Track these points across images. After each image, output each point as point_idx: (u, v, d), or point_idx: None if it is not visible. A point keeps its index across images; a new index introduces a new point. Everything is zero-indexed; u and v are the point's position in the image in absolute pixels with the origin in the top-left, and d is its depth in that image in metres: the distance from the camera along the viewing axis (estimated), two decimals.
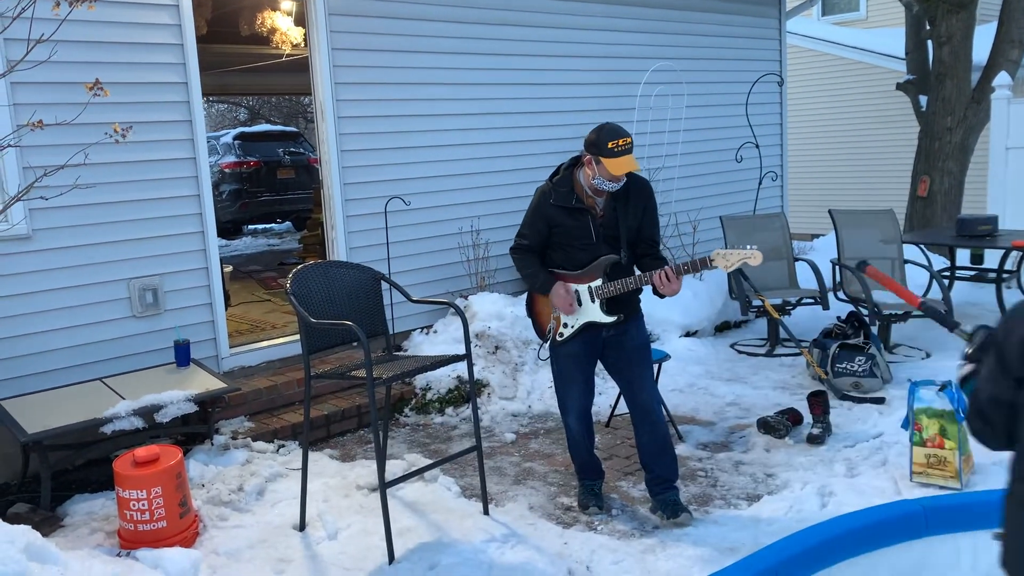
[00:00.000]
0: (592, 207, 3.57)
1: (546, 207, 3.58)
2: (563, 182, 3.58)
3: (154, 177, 4.88)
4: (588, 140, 3.46)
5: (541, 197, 3.62)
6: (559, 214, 3.56)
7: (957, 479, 3.73)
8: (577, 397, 3.76)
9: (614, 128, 3.42)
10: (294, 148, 12.94)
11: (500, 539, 3.56)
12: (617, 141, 3.36)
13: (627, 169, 3.39)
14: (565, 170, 3.63)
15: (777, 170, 8.84)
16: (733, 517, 3.72)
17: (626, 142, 3.37)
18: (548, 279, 3.63)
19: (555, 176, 3.64)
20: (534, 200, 3.66)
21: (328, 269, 3.76)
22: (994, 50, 9.03)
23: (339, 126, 5.62)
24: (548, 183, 3.64)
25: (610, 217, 3.58)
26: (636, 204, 3.61)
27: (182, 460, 3.64)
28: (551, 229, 3.60)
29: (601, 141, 3.38)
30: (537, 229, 3.62)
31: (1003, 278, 6.76)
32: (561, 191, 3.56)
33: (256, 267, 10.25)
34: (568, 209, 3.55)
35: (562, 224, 3.57)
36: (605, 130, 3.42)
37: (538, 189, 3.68)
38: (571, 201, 3.54)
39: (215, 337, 5.22)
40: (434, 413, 5.31)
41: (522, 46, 6.57)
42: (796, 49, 12.94)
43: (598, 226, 3.57)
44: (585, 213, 3.56)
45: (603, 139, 3.38)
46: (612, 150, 3.36)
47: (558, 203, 3.56)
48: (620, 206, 3.57)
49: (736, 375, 5.87)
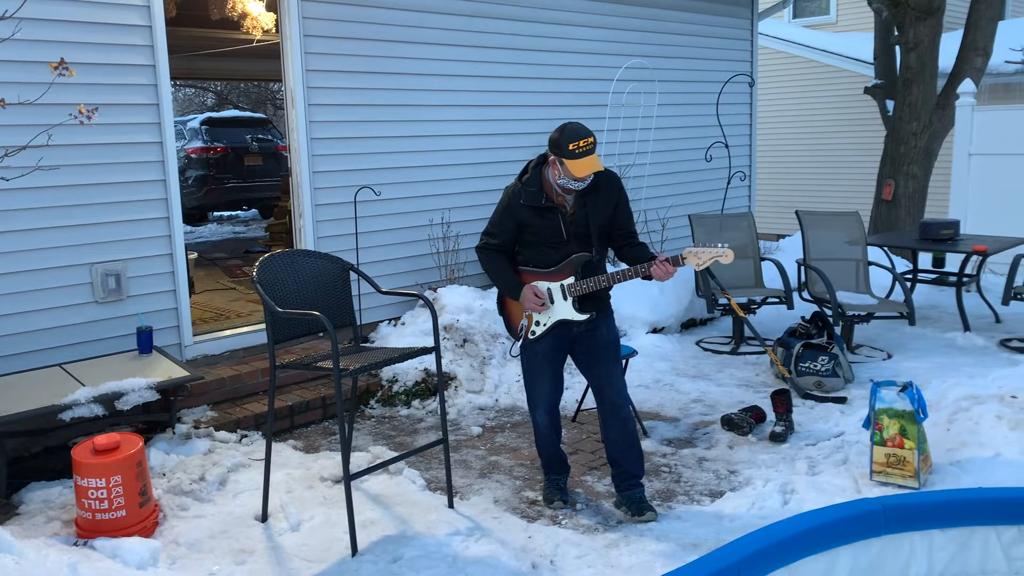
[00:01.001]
0: (562, 205, 3.56)
1: (516, 207, 3.56)
2: (532, 181, 3.56)
3: (119, 160, 4.79)
4: (551, 140, 3.44)
5: (511, 197, 3.59)
6: (529, 214, 3.54)
7: (916, 478, 3.80)
8: (546, 393, 3.76)
9: (574, 129, 3.37)
10: (262, 135, 12.79)
11: (464, 532, 3.56)
12: (578, 143, 3.33)
13: (590, 170, 3.38)
14: (533, 169, 3.59)
15: (746, 170, 8.92)
16: (696, 513, 3.75)
17: (587, 143, 3.34)
18: (517, 284, 3.60)
19: (524, 175, 3.61)
20: (503, 200, 3.63)
21: (295, 258, 3.72)
22: (959, 58, 9.19)
23: (309, 114, 5.56)
24: (517, 182, 3.61)
25: (580, 214, 3.57)
26: (607, 200, 3.60)
27: (143, 449, 3.59)
28: (521, 228, 3.58)
29: (562, 143, 3.36)
30: (506, 228, 3.60)
31: (963, 282, 6.89)
32: (530, 190, 3.54)
33: (221, 254, 10.13)
34: (538, 208, 3.53)
35: (532, 224, 3.55)
36: (566, 132, 3.37)
37: (507, 189, 3.65)
38: (540, 200, 3.53)
39: (179, 325, 5.14)
40: (400, 405, 5.29)
41: (496, 39, 6.55)
42: (767, 51, 13.06)
43: (568, 224, 3.56)
44: (555, 211, 3.54)
45: (564, 141, 3.35)
46: (573, 152, 3.34)
47: (528, 203, 3.54)
48: (590, 202, 3.56)
49: (701, 372, 5.91)
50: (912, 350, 6.21)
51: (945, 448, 4.12)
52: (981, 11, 9.03)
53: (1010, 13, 14.91)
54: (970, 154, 8.55)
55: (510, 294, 3.66)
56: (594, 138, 3.38)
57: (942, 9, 9.15)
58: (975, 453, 4.00)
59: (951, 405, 4.41)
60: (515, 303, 3.70)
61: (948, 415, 4.34)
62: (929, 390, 4.62)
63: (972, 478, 3.82)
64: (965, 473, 3.88)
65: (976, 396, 4.37)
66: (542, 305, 3.57)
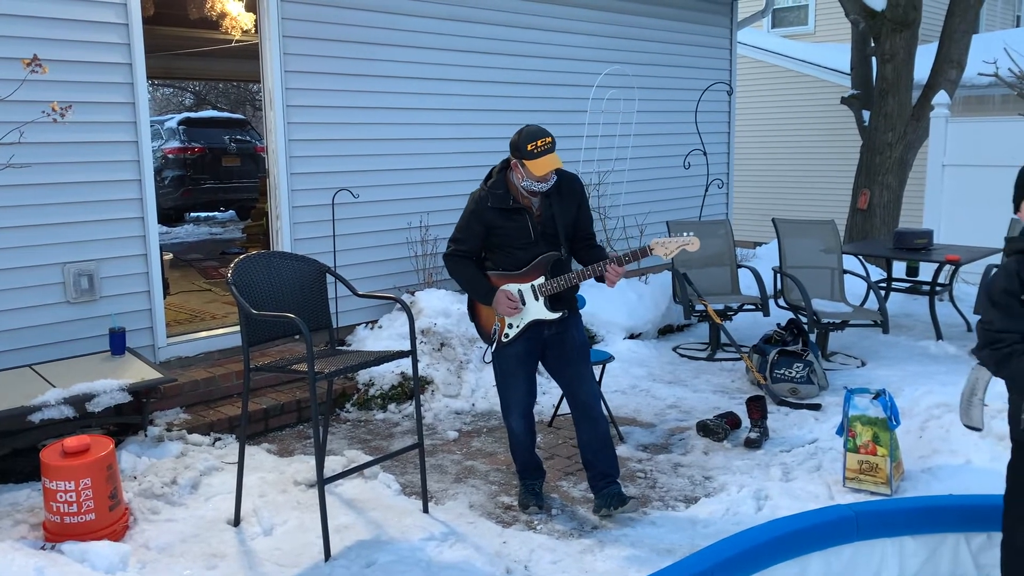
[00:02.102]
0: (528, 207, 3.60)
1: (483, 211, 3.58)
2: (498, 184, 3.60)
3: (93, 159, 4.74)
4: (511, 144, 3.51)
5: (478, 202, 3.61)
6: (497, 216, 3.57)
7: (888, 485, 3.83)
8: (520, 397, 3.76)
9: (532, 131, 3.44)
10: (240, 136, 12.70)
11: (439, 537, 3.54)
12: (535, 143, 3.40)
13: (549, 168, 3.43)
14: (498, 173, 3.65)
15: (723, 177, 8.98)
16: (670, 519, 3.76)
17: (545, 143, 3.41)
18: (488, 289, 3.62)
19: (488, 179, 3.65)
20: (469, 205, 3.65)
21: (271, 260, 3.69)
22: (934, 70, 9.30)
23: (287, 115, 5.53)
24: (483, 187, 3.64)
25: (546, 215, 3.62)
26: (569, 200, 3.66)
27: (113, 451, 3.54)
28: (489, 232, 3.60)
29: (521, 144, 3.44)
30: (473, 232, 3.62)
31: (936, 291, 6.97)
32: (497, 193, 3.58)
33: (197, 255, 10.04)
34: (506, 211, 3.57)
35: (501, 226, 3.58)
36: (524, 133, 3.45)
37: (472, 194, 3.67)
38: (508, 202, 3.57)
39: (152, 326, 5.09)
40: (376, 409, 5.26)
41: (477, 43, 6.55)
42: (745, 60, 13.15)
43: (536, 225, 3.60)
44: (523, 213, 3.58)
45: (522, 142, 3.43)
46: (532, 152, 3.41)
47: (495, 205, 3.57)
48: (555, 203, 3.61)
49: (677, 378, 5.93)
50: (886, 358, 6.27)
51: (917, 455, 4.15)
52: (956, 24, 9.15)
53: (984, 27, 15.14)
54: (944, 165, 8.66)
55: (481, 299, 3.67)
56: (552, 138, 3.45)
57: (918, 22, 9.27)
58: (946, 460, 4.04)
59: (923, 413, 4.46)
60: (486, 308, 3.70)
61: (920, 422, 4.38)
62: (902, 398, 4.66)
63: (943, 485, 3.86)
64: (936, 480, 3.92)
65: (948, 404, 4.42)
66: (515, 308, 3.58)
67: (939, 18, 12.00)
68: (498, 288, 3.61)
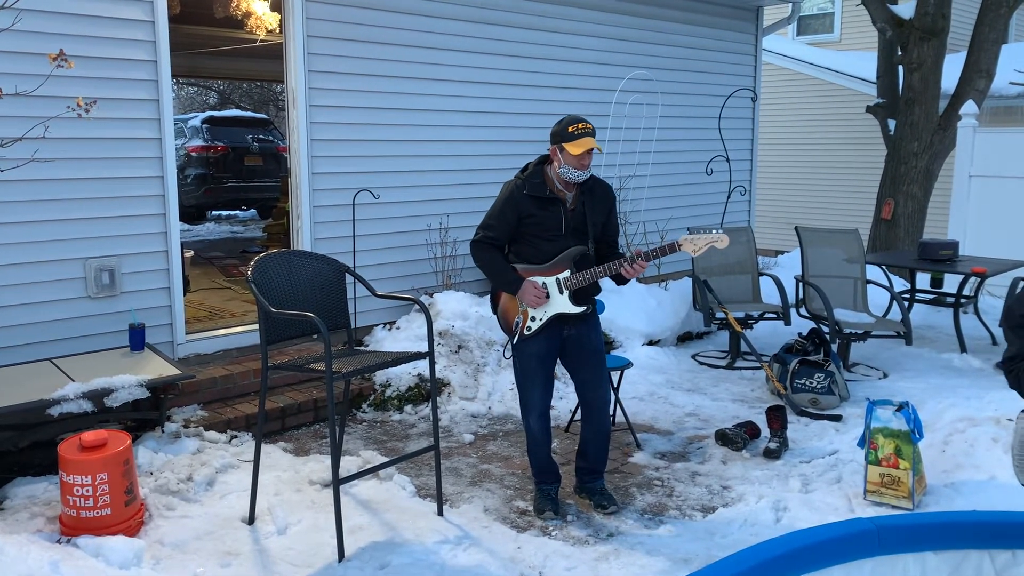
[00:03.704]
0: (563, 199, 3.66)
1: (519, 197, 3.63)
2: (535, 174, 3.68)
3: (116, 155, 4.76)
4: (552, 132, 3.62)
5: (513, 188, 3.68)
6: (531, 204, 3.62)
7: (909, 499, 3.76)
8: (539, 396, 3.77)
9: (574, 116, 3.60)
10: (263, 135, 12.75)
11: (453, 541, 3.52)
12: (577, 125, 3.54)
13: (587, 147, 3.50)
14: (535, 166, 3.72)
15: (746, 185, 8.91)
16: (687, 528, 3.72)
17: (585, 126, 3.54)
18: (516, 278, 3.66)
19: (525, 170, 3.72)
20: (504, 192, 3.70)
21: (291, 259, 3.68)
22: (962, 79, 9.18)
23: (310, 115, 5.53)
24: (518, 177, 3.71)
25: (579, 210, 3.68)
26: (602, 203, 3.75)
27: (131, 446, 3.55)
28: (520, 220, 3.65)
29: (562, 127, 3.57)
30: (506, 220, 3.65)
31: (961, 303, 6.87)
32: (534, 182, 3.65)
33: (218, 253, 10.09)
34: (540, 199, 3.63)
35: (534, 214, 3.63)
36: (566, 119, 3.60)
37: (506, 184, 3.75)
38: (544, 191, 3.63)
39: (172, 322, 5.11)
40: (392, 410, 5.24)
41: (500, 45, 6.54)
42: (770, 67, 13.07)
43: (568, 218, 3.65)
44: (557, 203, 3.64)
45: (564, 125, 3.57)
46: (572, 133, 3.52)
47: (532, 192, 3.63)
48: (587, 201, 3.69)
49: (696, 386, 5.88)
50: (908, 370, 6.19)
51: (940, 469, 4.09)
52: (985, 33, 9.03)
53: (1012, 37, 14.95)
54: (970, 176, 8.55)
55: (508, 289, 3.68)
56: (592, 126, 3.58)
57: (946, 30, 9.16)
58: (970, 475, 3.97)
59: (947, 427, 4.39)
60: (509, 301, 3.72)
61: (943, 436, 4.31)
62: (925, 411, 4.59)
63: (966, 500, 3.79)
64: (959, 495, 3.85)
65: (972, 418, 4.35)
66: (541, 299, 3.61)
67: (967, 27, 11.88)
68: (525, 278, 3.62)
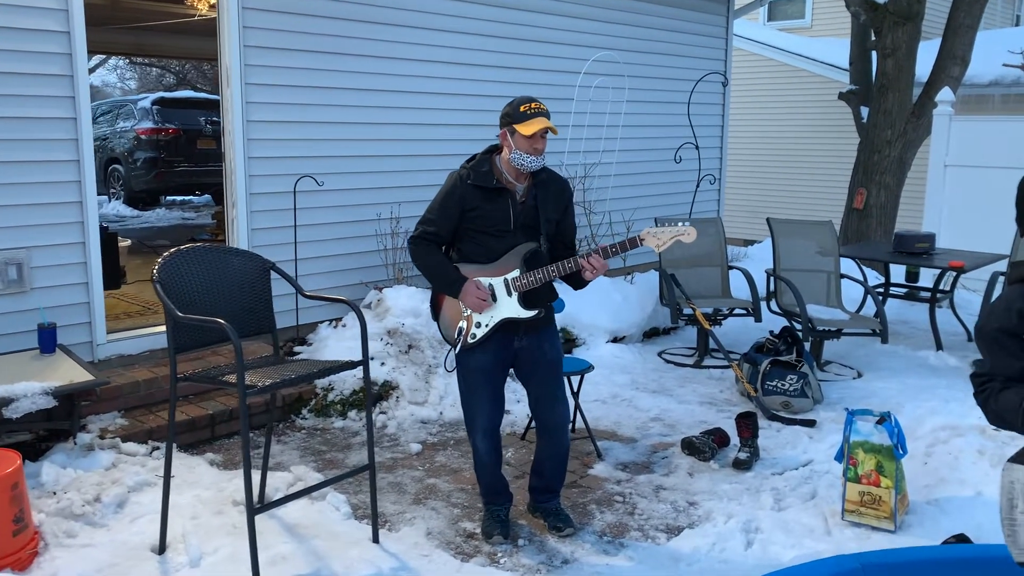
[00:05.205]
0: (512, 191, 3.26)
1: (463, 189, 3.24)
2: (482, 163, 3.29)
3: (24, 137, 4.29)
4: (502, 113, 3.25)
5: (457, 180, 3.28)
6: (477, 196, 3.23)
7: (891, 520, 3.45)
8: (486, 414, 3.37)
9: (525, 96, 3.27)
10: (217, 117, 12.17)
11: (387, 573, 3.14)
12: (530, 104, 3.20)
13: (541, 126, 3.13)
14: (483, 155, 3.32)
15: (716, 173, 8.58)
16: (650, 552, 3.37)
17: (539, 106, 3.21)
18: (457, 278, 3.25)
19: (472, 160, 3.32)
20: (447, 184, 3.30)
21: (207, 255, 3.26)
22: (936, 66, 8.92)
23: (246, 93, 5.09)
24: (464, 166, 3.32)
25: (530, 204, 3.28)
26: (556, 199, 3.35)
27: (20, 468, 3.11)
28: (464, 214, 3.24)
29: (513, 107, 3.22)
30: (448, 213, 3.25)
31: (937, 298, 6.61)
32: (481, 171, 3.26)
33: (164, 242, 9.60)
34: (487, 190, 3.23)
35: (479, 207, 3.23)
36: (517, 99, 3.26)
37: (451, 174, 3.34)
38: (491, 182, 3.24)
39: (91, 321, 4.66)
40: (335, 416, 4.84)
41: (458, 22, 6.11)
42: (740, 52, 12.74)
43: (518, 212, 3.25)
44: (505, 195, 3.25)
45: (515, 105, 3.23)
46: (524, 113, 3.18)
47: (477, 183, 3.23)
48: (540, 194, 3.29)
49: (662, 387, 5.55)
50: (883, 369, 5.91)
51: (922, 484, 3.78)
52: (960, 18, 8.76)
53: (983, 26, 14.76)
54: (946, 165, 8.30)
55: (447, 290, 3.29)
56: (546, 107, 3.23)
57: (921, 15, 8.89)
58: (955, 491, 3.67)
59: (928, 435, 4.09)
60: (452, 305, 3.32)
61: (925, 447, 4.01)
62: (903, 415, 4.29)
63: (951, 520, 3.49)
64: (944, 514, 3.55)
65: (955, 427, 4.05)
66: (484, 302, 3.19)
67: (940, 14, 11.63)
68: (468, 279, 3.22)
